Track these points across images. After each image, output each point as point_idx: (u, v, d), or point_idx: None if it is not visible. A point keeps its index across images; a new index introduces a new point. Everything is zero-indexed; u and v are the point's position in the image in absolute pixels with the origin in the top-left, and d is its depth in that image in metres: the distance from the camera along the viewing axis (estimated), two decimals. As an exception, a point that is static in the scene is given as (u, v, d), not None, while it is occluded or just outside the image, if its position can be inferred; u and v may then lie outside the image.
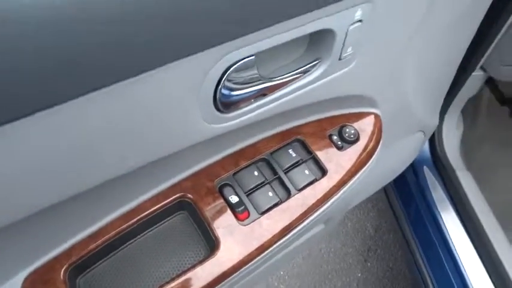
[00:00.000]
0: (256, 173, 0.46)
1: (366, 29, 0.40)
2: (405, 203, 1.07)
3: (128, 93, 0.29)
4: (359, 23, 0.39)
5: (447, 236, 0.95)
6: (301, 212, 0.45)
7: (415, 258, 1.01)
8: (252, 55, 0.33)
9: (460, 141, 1.07)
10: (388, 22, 0.42)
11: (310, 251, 1.33)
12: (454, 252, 0.92)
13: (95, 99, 0.27)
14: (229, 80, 0.34)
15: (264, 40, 0.33)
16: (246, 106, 0.38)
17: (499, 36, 0.80)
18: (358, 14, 0.38)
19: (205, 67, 0.31)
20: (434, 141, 1.05)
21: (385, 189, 1.16)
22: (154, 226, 0.44)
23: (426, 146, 1.08)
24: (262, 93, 0.39)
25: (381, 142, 0.55)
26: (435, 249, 0.96)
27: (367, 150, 0.52)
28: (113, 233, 0.40)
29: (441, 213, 0.98)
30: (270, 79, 0.38)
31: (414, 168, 1.06)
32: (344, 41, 0.39)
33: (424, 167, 1.06)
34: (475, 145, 1.23)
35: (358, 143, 0.52)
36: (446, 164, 1.02)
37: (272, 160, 0.48)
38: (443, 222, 0.96)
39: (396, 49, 0.48)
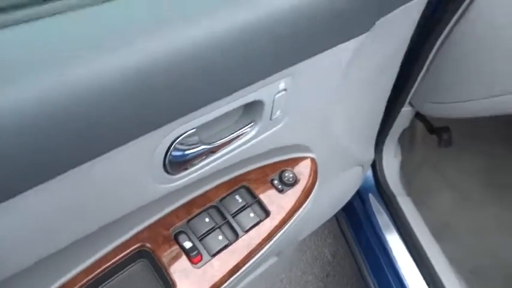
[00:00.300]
0: (207, 220, 0.53)
1: (290, 95, 0.48)
2: (355, 229, 1.16)
3: (82, 175, 0.34)
4: (284, 92, 0.47)
5: (393, 260, 1.03)
6: (247, 252, 0.52)
7: (366, 282, 1.09)
8: (194, 128, 0.41)
9: (399, 169, 1.18)
10: (309, 87, 0.51)
11: (271, 283, 1.38)
12: (401, 274, 1.00)
13: (53, 184, 0.33)
14: (175, 149, 0.41)
15: (204, 115, 0.40)
16: (193, 166, 0.45)
17: (421, 75, 0.91)
18: (282, 85, 0.46)
19: (154, 144, 0.38)
20: (376, 170, 1.15)
21: (336, 217, 1.25)
22: (117, 275, 0.49)
23: (371, 174, 1.18)
24: (207, 154, 0.46)
25: (317, 182, 0.63)
26: (384, 273, 1.04)
27: (305, 191, 0.60)
28: (77, 286, 0.44)
29: (387, 238, 1.07)
30: (211, 143, 0.45)
31: (361, 195, 1.16)
32: (272, 107, 0.47)
33: (370, 194, 1.16)
34: (414, 171, 1.35)
35: (297, 185, 0.59)
36: (388, 191, 1.12)
37: (221, 206, 0.54)
38: (389, 246, 1.05)
39: (321, 105, 0.57)
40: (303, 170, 0.61)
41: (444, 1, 0.78)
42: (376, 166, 1.15)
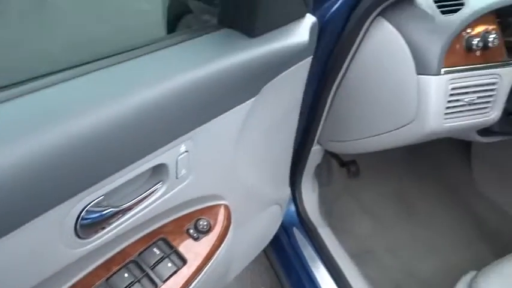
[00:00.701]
0: (126, 275, 0.56)
1: (192, 155, 0.55)
2: (283, 263, 1.22)
3: None
4: (186, 153, 0.53)
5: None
6: None
7: (297, 314, 1.15)
8: (102, 195, 0.45)
9: (318, 201, 1.28)
10: (210, 146, 0.58)
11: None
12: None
13: None
14: (85, 216, 0.45)
15: (112, 183, 0.45)
16: (106, 228, 0.49)
17: (323, 118, 1.03)
18: (183, 148, 0.52)
19: (62, 215, 0.42)
20: (298, 204, 1.24)
21: (265, 252, 1.30)
22: None
23: (294, 209, 1.27)
24: (118, 215, 0.50)
25: (231, 227, 0.69)
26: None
27: (219, 236, 0.65)
28: None
29: (313, 270, 1.14)
30: (121, 205, 0.50)
31: (286, 230, 1.23)
32: (176, 167, 0.53)
33: (294, 228, 1.24)
34: (334, 200, 1.46)
35: (211, 232, 0.65)
36: (310, 224, 1.21)
37: (140, 260, 0.58)
38: (316, 278, 1.12)
39: (224, 159, 0.64)
40: (216, 217, 0.67)
41: (332, 58, 0.91)
42: (297, 201, 1.24)
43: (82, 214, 0.44)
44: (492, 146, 1.09)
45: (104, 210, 0.47)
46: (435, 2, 0.82)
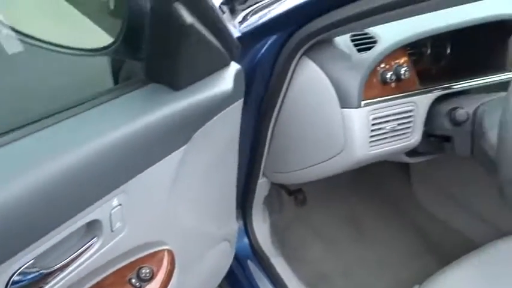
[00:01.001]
0: None
1: (126, 208, 0.57)
2: (241, 298, 1.24)
3: None
4: (119, 206, 0.55)
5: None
6: None
7: None
8: (32, 259, 0.46)
9: (269, 232, 1.31)
10: (144, 197, 0.60)
11: None
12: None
13: None
14: (15, 282, 0.45)
15: (43, 245, 0.47)
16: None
17: (265, 152, 1.08)
18: (115, 202, 0.54)
19: None
20: (250, 237, 1.27)
21: (221, 287, 1.31)
22: None
23: (248, 242, 1.29)
24: (52, 276, 0.51)
25: (175, 271, 0.70)
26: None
27: (163, 282, 0.67)
28: None
29: (270, 301, 1.16)
30: (53, 266, 0.50)
31: (240, 263, 1.25)
32: (110, 221, 0.55)
33: (248, 260, 1.26)
34: (287, 228, 1.50)
35: (154, 279, 0.66)
36: (263, 255, 1.24)
37: None
38: None
39: (162, 206, 0.66)
40: (159, 263, 0.69)
41: (267, 96, 0.96)
42: (249, 233, 1.27)
43: (12, 279, 0.45)
44: (427, 162, 1.17)
45: (36, 273, 0.48)
46: (352, 41, 0.90)
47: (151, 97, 0.60)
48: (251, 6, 1.12)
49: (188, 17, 0.54)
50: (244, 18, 1.01)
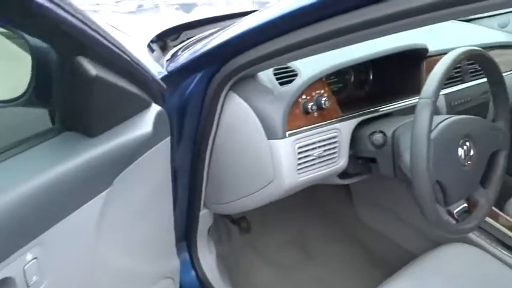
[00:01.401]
0: None
1: (44, 260, 0.56)
2: (190, 333, 1.22)
3: None
4: (34, 260, 0.54)
5: None
6: None
7: None
8: None
9: (216, 261, 1.31)
10: (66, 246, 0.59)
11: None
12: None
13: None
14: None
15: None
16: None
17: (204, 184, 1.09)
18: (29, 256, 0.53)
19: None
20: (196, 268, 1.26)
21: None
22: None
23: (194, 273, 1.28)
24: None
25: None
26: None
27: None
28: None
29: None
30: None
31: (190, 297, 1.24)
32: (24, 277, 0.54)
33: (196, 294, 1.25)
34: (237, 255, 1.51)
35: None
36: (209, 286, 1.23)
37: None
38: None
39: (87, 253, 0.65)
40: None
41: (199, 130, 0.99)
42: (195, 265, 1.26)
43: None
44: (364, 182, 1.23)
45: None
46: (274, 75, 0.94)
47: (66, 145, 0.61)
48: (183, 41, 1.16)
49: (92, 69, 0.55)
50: (173, 56, 1.04)
